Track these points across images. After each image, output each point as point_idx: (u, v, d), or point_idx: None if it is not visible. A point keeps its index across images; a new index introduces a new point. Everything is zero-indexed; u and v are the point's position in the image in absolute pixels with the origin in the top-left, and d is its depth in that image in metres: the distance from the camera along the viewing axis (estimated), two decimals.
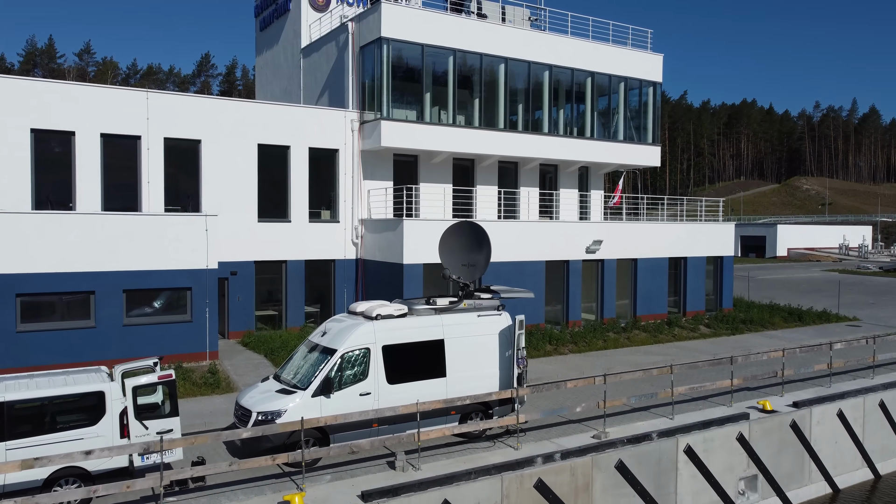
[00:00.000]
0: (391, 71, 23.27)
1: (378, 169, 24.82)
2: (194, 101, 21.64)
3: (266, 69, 33.23)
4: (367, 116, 24.09)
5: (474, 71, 25.36)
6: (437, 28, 23.88)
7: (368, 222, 24.11)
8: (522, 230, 24.19)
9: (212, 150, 21.85)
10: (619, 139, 28.70)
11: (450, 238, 14.82)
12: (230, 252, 22.16)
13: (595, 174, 30.33)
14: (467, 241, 14.62)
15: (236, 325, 22.44)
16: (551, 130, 26.87)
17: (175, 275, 18.37)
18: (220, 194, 22.03)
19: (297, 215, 23.42)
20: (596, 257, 26.00)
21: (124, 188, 20.68)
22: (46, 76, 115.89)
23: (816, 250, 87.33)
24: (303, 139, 23.46)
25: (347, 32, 24.82)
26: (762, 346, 24.25)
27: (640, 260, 27.23)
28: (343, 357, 12.45)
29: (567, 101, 27.63)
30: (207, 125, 21.76)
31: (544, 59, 26.38)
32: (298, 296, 23.51)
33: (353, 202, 24.39)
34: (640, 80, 29.11)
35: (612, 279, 26.52)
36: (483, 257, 14.28)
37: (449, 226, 14.94)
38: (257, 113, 22.62)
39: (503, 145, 25.52)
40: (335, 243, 24.14)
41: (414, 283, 22.02)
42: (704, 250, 29.14)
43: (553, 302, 25.40)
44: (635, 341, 24.34)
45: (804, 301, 36.89)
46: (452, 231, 14.82)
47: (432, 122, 24.31)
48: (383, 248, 23.07)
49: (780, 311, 30.63)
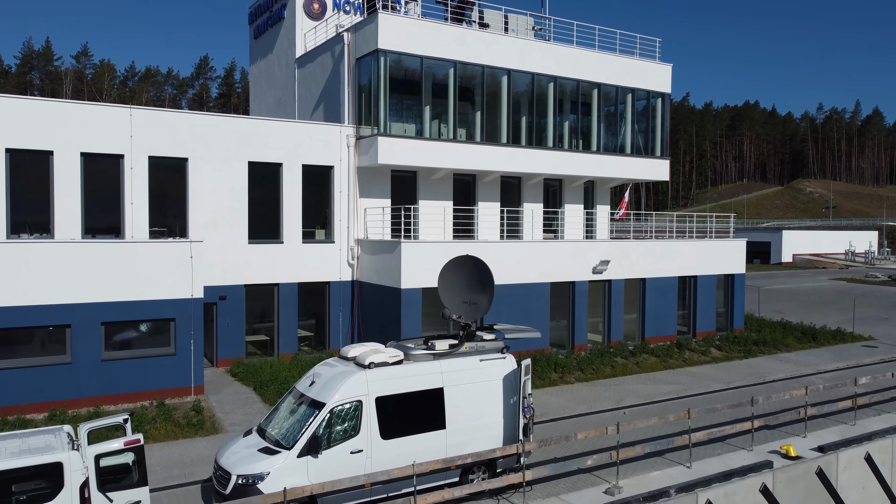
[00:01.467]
0: (389, 84, 22.17)
1: (375, 186, 23.72)
2: (181, 118, 20.53)
3: (260, 79, 32.14)
4: (363, 131, 22.99)
5: (476, 83, 24.26)
6: (436, 39, 22.78)
7: (365, 243, 23.00)
8: (526, 251, 23.08)
9: (200, 168, 20.76)
10: (626, 153, 27.58)
11: (450, 274, 13.71)
12: (219, 275, 21.06)
13: (601, 188, 29.21)
14: (469, 277, 13.50)
15: (225, 351, 21.33)
16: (556, 144, 25.76)
17: (158, 305, 17.27)
18: (209, 215, 20.93)
19: (290, 236, 22.31)
20: (603, 277, 24.89)
21: (106, 210, 19.57)
22: (44, 79, 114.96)
23: (822, 256, 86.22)
24: (296, 156, 22.35)
25: (343, 43, 23.71)
26: (777, 371, 23.15)
27: (649, 280, 26.11)
28: (332, 412, 11.34)
29: (572, 113, 26.52)
30: (195, 143, 20.66)
31: (548, 70, 25.26)
32: (291, 320, 22.40)
33: (348, 221, 23.28)
34: (647, 92, 27.99)
35: (619, 300, 25.40)
36: (486, 296, 13.16)
37: (449, 260, 13.83)
38: (248, 129, 21.52)
39: (506, 161, 24.40)
40: (330, 265, 23.04)
41: (412, 308, 20.92)
42: (715, 268, 28.02)
43: (558, 325, 24.29)
44: (644, 367, 23.21)
45: (814, 315, 35.97)
46: (452, 266, 13.71)
47: (432, 137, 23.21)
48: (380, 271, 21.97)
49: (793, 331, 29.49)
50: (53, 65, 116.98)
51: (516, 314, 22.86)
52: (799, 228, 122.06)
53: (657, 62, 28.33)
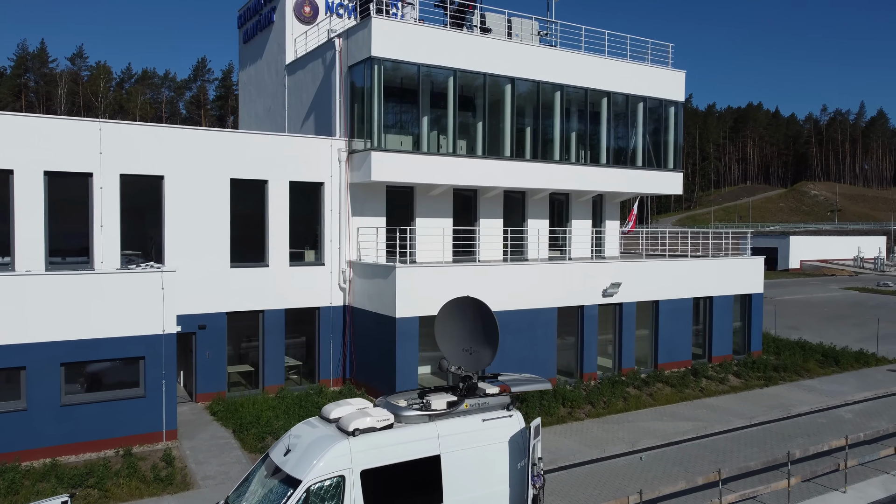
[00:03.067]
0: (383, 94, 20.48)
1: (369, 203, 22.02)
2: (156, 132, 18.84)
3: (249, 86, 30.46)
4: (356, 145, 21.30)
5: (477, 92, 22.58)
6: (434, 45, 21.09)
7: (357, 265, 21.30)
8: (532, 274, 21.39)
9: (177, 187, 19.07)
10: (637, 165, 25.88)
11: (448, 317, 12.01)
12: (198, 303, 19.38)
13: (610, 202, 27.52)
14: (469, 322, 11.81)
15: (205, 385, 19.64)
16: (563, 157, 24.06)
17: (125, 342, 15.57)
18: (187, 237, 19.24)
19: (276, 259, 20.62)
20: (613, 300, 23.19)
21: (73, 233, 17.88)
22: (38, 81, 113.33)
23: (830, 262, 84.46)
24: (283, 172, 20.66)
25: (334, 50, 22.02)
26: (801, 403, 21.45)
27: (663, 302, 24.41)
28: (309, 490, 9.64)
29: (580, 123, 24.83)
30: (172, 159, 18.97)
31: (554, 77, 23.57)
32: (278, 349, 20.71)
33: (340, 242, 21.58)
34: (660, 100, 26.29)
35: (631, 325, 23.69)
36: (489, 345, 11.46)
37: (447, 302, 12.14)
38: (230, 143, 19.83)
39: (509, 175, 22.71)
40: (320, 289, 21.34)
41: (408, 339, 19.23)
42: (732, 288, 26.32)
43: (566, 352, 22.60)
44: (659, 399, 21.50)
45: (831, 332, 34.58)
46: (451, 309, 12.01)
47: (430, 150, 21.51)
48: (373, 298, 20.27)
49: (814, 353, 27.79)
50: (48, 67, 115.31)
51: (521, 342, 21.17)
52: (805, 233, 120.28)
53: (670, 69, 26.63)
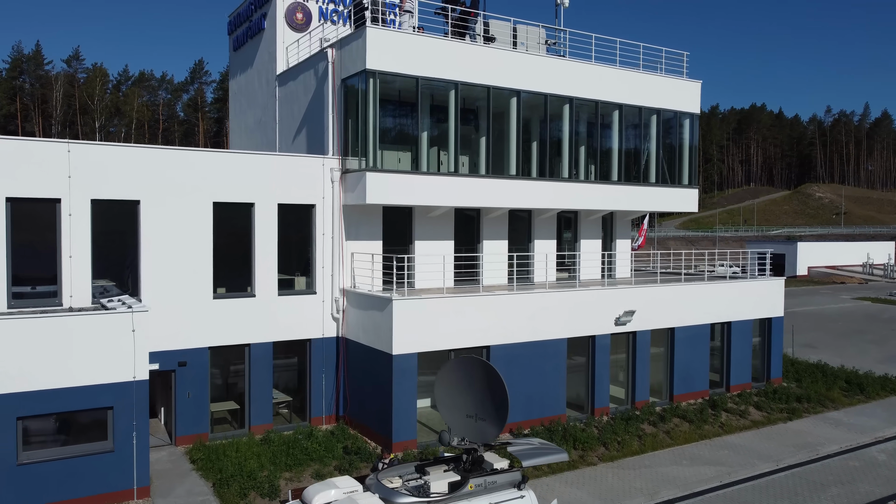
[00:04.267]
0: (379, 109, 18.92)
1: (364, 226, 20.47)
2: (130, 153, 17.29)
3: (240, 95, 28.91)
4: (350, 164, 19.75)
5: (480, 106, 21.05)
6: (434, 56, 19.53)
7: (352, 294, 19.75)
8: (540, 303, 19.84)
9: (154, 212, 17.53)
10: (649, 182, 24.32)
11: (450, 380, 10.48)
12: (178, 338, 17.84)
13: (621, 220, 25.96)
14: (475, 386, 10.28)
15: (186, 427, 18.10)
16: (571, 175, 22.49)
17: (91, 392, 14.03)
18: (166, 267, 17.69)
19: (263, 288, 19.07)
20: (627, 329, 21.64)
21: (38, 266, 16.33)
22: (34, 83, 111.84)
23: (838, 269, 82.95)
24: (271, 194, 19.11)
25: (327, 61, 20.47)
26: (829, 441, 19.92)
27: (679, 329, 22.85)
28: None
29: (590, 138, 23.27)
30: (149, 182, 17.42)
31: (563, 90, 22.00)
32: (265, 385, 19.17)
33: (333, 268, 20.04)
34: (675, 112, 24.73)
35: (645, 354, 22.14)
36: (497, 414, 9.93)
37: (448, 363, 10.61)
38: (212, 164, 18.28)
39: (514, 195, 21.15)
40: (311, 319, 19.80)
41: (406, 378, 17.69)
42: (751, 312, 24.76)
43: (576, 384, 21.05)
44: (677, 437, 19.95)
45: (849, 350, 33.45)
46: (454, 370, 10.48)
47: (430, 170, 19.96)
48: (369, 331, 18.73)
49: (836, 379, 26.25)
50: (44, 69, 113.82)
51: (529, 377, 19.63)
52: (811, 237, 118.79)
53: (685, 79, 25.07)
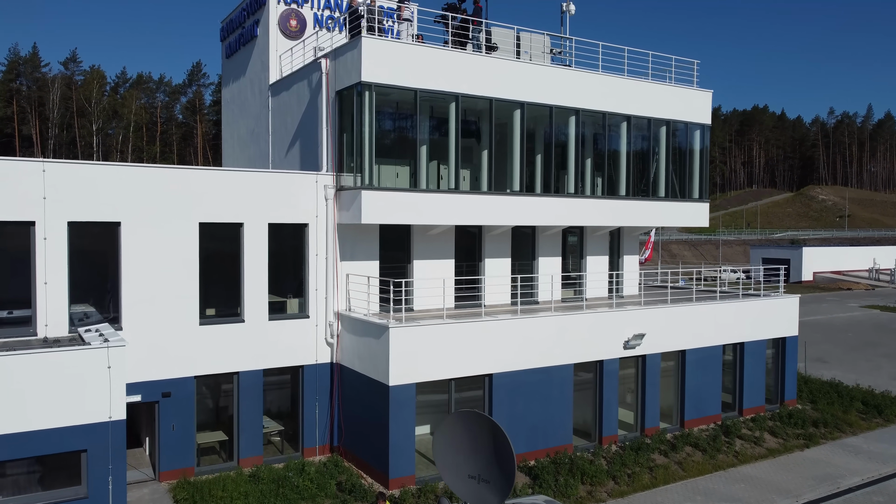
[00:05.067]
0: (375, 123, 17.90)
1: (360, 245, 19.45)
2: (111, 173, 16.27)
3: (232, 104, 27.90)
4: (344, 181, 18.73)
5: (482, 118, 20.03)
6: (434, 67, 18.51)
7: (346, 319, 18.72)
8: (545, 327, 18.81)
9: (137, 234, 16.50)
10: (658, 196, 23.29)
11: (450, 436, 9.45)
12: (162, 367, 16.82)
13: (629, 235, 24.92)
14: (478, 444, 9.25)
15: (170, 461, 17.07)
16: (578, 190, 21.46)
17: (62, 434, 12.99)
18: (149, 292, 16.67)
19: (252, 312, 18.04)
20: (636, 352, 20.61)
21: (10, 294, 15.31)
22: (31, 86, 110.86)
23: (844, 274, 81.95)
24: (261, 213, 18.09)
25: (321, 71, 19.45)
26: (850, 472, 18.90)
27: (690, 351, 21.82)
28: None
29: (597, 151, 22.25)
30: (130, 202, 16.40)
31: (569, 101, 20.97)
32: (255, 416, 18.15)
33: (327, 291, 19.01)
34: (685, 123, 23.71)
35: (655, 379, 21.11)
36: (503, 476, 8.90)
37: (449, 417, 9.58)
38: (199, 183, 17.25)
39: (518, 212, 20.13)
40: (304, 345, 18.77)
41: (403, 410, 16.67)
42: (765, 332, 23.72)
43: (582, 413, 20.02)
44: (689, 468, 18.91)
45: (862, 364, 32.69)
46: (454, 426, 9.45)
47: (429, 187, 18.94)
48: (364, 359, 17.70)
49: (852, 399, 25.23)
50: (41, 71, 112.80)
51: (534, 405, 18.61)
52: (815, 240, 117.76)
53: (695, 88, 24.06)
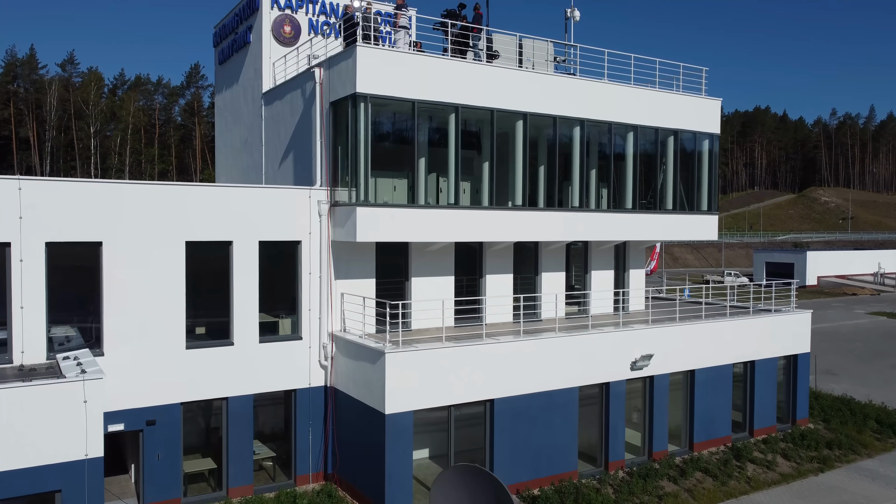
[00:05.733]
0: (371, 137, 17.06)
1: (355, 263, 18.61)
2: (91, 190, 15.43)
3: (225, 112, 27.06)
4: (339, 196, 17.89)
5: (483, 130, 19.20)
6: (433, 77, 17.67)
7: (341, 340, 17.87)
8: (549, 349, 17.96)
9: (119, 254, 15.66)
10: (666, 209, 22.45)
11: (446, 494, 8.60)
12: (147, 394, 15.98)
13: (635, 248, 24.07)
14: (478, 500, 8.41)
15: (155, 492, 16.23)
16: (582, 203, 20.61)
17: (35, 474, 12.15)
18: (133, 315, 15.83)
19: (242, 334, 17.20)
20: (644, 373, 19.76)
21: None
22: (28, 88, 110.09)
23: (849, 278, 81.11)
24: (251, 230, 17.25)
25: (314, 81, 18.62)
26: (870, 498, 18.08)
27: (699, 371, 20.97)
28: None
29: (602, 163, 21.42)
30: (112, 221, 15.56)
31: (574, 111, 20.14)
32: (245, 442, 17.30)
33: (321, 311, 18.17)
34: (693, 133, 22.86)
35: (663, 401, 20.26)
36: None
37: (446, 471, 8.74)
38: (185, 199, 16.41)
39: (520, 228, 19.29)
40: (297, 368, 17.93)
41: (400, 439, 15.82)
42: (776, 349, 22.87)
43: (588, 436, 19.17)
44: (700, 497, 18.06)
45: (873, 377, 32.02)
46: (451, 480, 8.62)
47: (428, 202, 18.09)
48: (359, 384, 16.86)
49: (865, 417, 24.40)
50: (38, 73, 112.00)
51: (537, 431, 17.77)
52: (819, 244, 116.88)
53: (703, 96, 23.20)
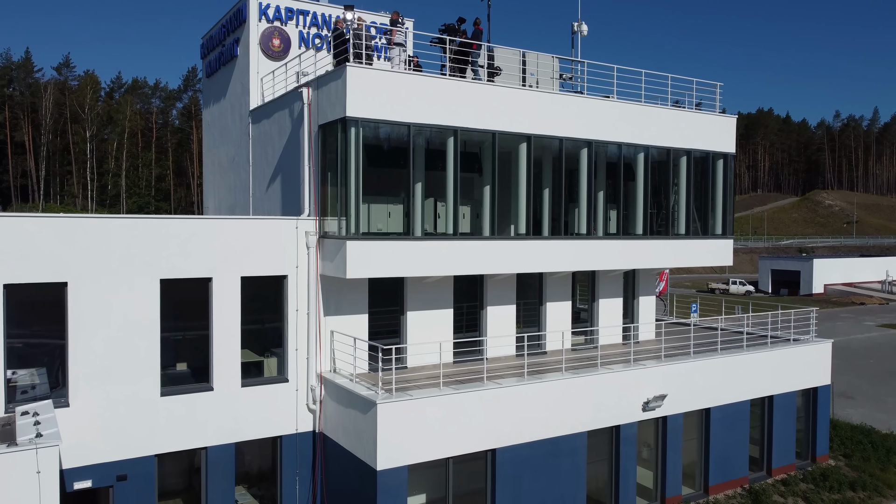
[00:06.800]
0: (363, 163, 15.72)
1: (346, 298, 17.27)
2: (54, 226, 14.09)
3: (213, 128, 25.75)
4: (328, 226, 16.56)
5: (485, 151, 17.86)
6: (430, 98, 16.33)
7: (330, 384, 16.52)
8: (555, 392, 16.61)
9: (86, 294, 14.32)
10: (678, 234, 21.10)
11: None
12: (117, 447, 14.65)
13: (645, 274, 22.73)
14: None
15: None
16: (590, 230, 19.26)
17: None
18: (102, 360, 14.49)
19: (223, 378, 15.85)
20: (656, 414, 18.42)
21: None
22: (24, 92, 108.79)
23: (855, 286, 79.75)
24: (232, 265, 15.90)
25: (302, 102, 17.28)
26: None
27: (715, 409, 19.63)
28: None
29: (611, 186, 20.10)
30: (79, 258, 14.23)
31: (581, 132, 18.79)
32: (226, 493, 15.93)
33: (308, 350, 16.83)
34: (707, 153, 21.51)
35: (677, 442, 18.92)
36: None
37: None
38: (159, 234, 15.06)
39: (524, 258, 17.96)
40: (283, 412, 16.59)
41: (394, 496, 14.47)
42: (796, 382, 21.53)
43: (596, 481, 17.82)
44: None
45: (889, 399, 31.23)
46: None
47: (424, 233, 16.72)
48: (350, 433, 15.52)
49: (889, 452, 23.09)
50: (33, 77, 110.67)
51: (542, 482, 16.42)
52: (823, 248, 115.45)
53: (718, 113, 21.86)
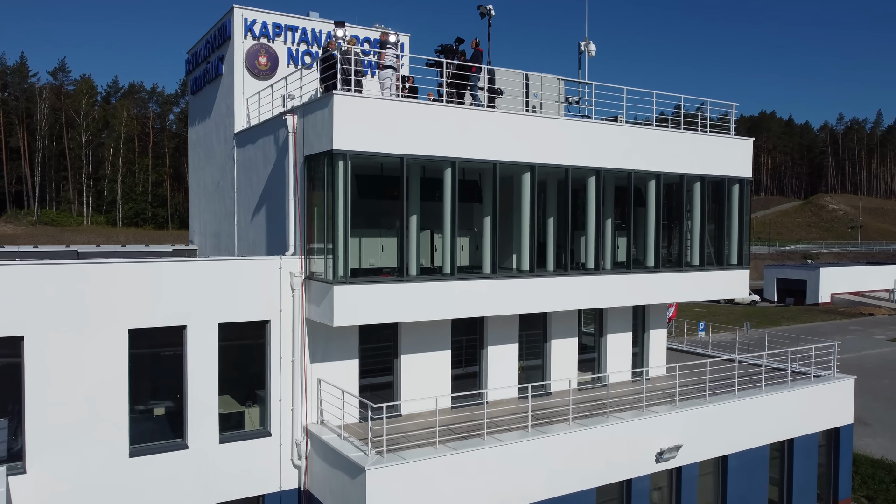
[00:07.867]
0: (350, 198, 14.37)
1: (334, 344, 15.91)
2: (8, 274, 12.75)
3: (198, 147, 24.43)
4: (315, 266, 15.21)
5: (485, 180, 16.52)
6: (424, 126, 14.98)
7: (317, 440, 15.15)
8: (563, 447, 15.26)
9: (45, 349, 12.97)
10: (692, 265, 19.73)
11: None
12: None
13: (656, 307, 21.38)
14: None
15: None
16: (599, 265, 17.90)
17: None
18: (62, 419, 13.14)
19: (199, 435, 14.50)
20: (670, 465, 17.07)
21: None
22: (19, 97, 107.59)
23: (863, 295, 78.38)
24: (209, 311, 14.55)
25: (287, 129, 15.93)
26: None
27: (732, 456, 18.27)
28: None
29: (620, 216, 18.75)
30: (37, 310, 12.89)
31: (589, 159, 17.43)
32: None
33: (293, 401, 15.47)
34: (722, 178, 20.17)
35: (692, 495, 17.56)
36: None
37: None
38: (127, 280, 13.71)
39: (527, 297, 16.60)
40: (265, 468, 15.23)
41: None
42: (818, 423, 20.17)
43: None
44: None
45: None
46: None
47: (419, 273, 15.34)
48: (337, 497, 14.15)
49: None
50: (28, 81, 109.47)
51: None
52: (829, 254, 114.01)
53: (733, 136, 20.52)
